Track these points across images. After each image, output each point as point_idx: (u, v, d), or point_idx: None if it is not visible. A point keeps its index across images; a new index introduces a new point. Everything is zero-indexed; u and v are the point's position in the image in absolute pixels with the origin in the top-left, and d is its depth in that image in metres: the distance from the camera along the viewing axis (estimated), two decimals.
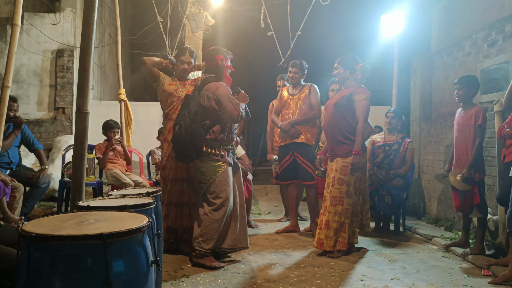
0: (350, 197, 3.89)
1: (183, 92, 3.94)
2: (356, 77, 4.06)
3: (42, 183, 4.59)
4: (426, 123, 5.96)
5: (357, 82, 4.06)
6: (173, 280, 3.16)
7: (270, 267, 3.56)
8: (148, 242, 1.60)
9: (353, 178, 3.90)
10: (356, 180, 3.92)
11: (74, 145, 2.47)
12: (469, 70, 4.96)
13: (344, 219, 3.88)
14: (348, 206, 3.88)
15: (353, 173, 3.89)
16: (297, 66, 4.82)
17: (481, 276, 3.44)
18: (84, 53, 2.47)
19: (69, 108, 6.88)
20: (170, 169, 3.91)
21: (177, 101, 3.92)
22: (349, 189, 3.89)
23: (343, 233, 3.88)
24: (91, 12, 2.49)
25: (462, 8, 5.33)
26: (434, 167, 5.61)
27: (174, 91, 3.95)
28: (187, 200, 3.89)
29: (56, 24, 6.91)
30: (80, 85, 2.47)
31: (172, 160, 3.88)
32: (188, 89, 3.95)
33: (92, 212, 1.82)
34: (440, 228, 5.14)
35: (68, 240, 1.38)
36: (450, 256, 4.05)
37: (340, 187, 3.90)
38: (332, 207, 3.89)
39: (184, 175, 3.88)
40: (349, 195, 3.89)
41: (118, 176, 4.70)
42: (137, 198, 2.28)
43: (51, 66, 6.91)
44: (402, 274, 3.45)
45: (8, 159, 4.51)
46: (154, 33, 6.51)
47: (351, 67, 4.04)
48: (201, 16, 6.00)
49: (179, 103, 3.88)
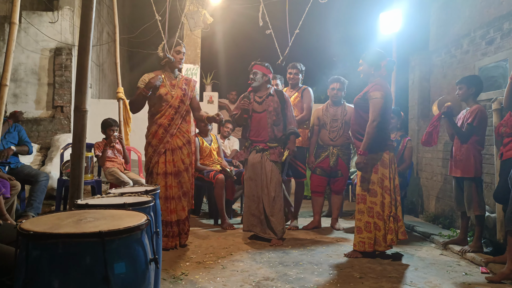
0: (375, 195, 3.74)
1: (174, 94, 3.92)
2: (382, 74, 3.88)
3: (41, 178, 4.62)
4: (425, 121, 5.97)
5: (382, 78, 3.88)
6: (171, 278, 3.16)
7: (268, 265, 3.57)
8: (146, 240, 1.60)
9: (376, 176, 3.76)
10: (382, 178, 3.76)
11: (73, 144, 2.47)
12: (467, 68, 4.97)
13: (368, 218, 3.75)
14: (372, 204, 3.74)
15: (375, 171, 3.75)
16: (297, 67, 4.93)
17: (479, 273, 3.45)
18: (82, 51, 2.46)
19: (67, 106, 6.87)
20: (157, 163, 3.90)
21: (166, 106, 3.91)
22: (372, 187, 3.76)
23: (367, 233, 3.74)
24: (89, 10, 2.49)
25: (460, 6, 5.33)
26: (432, 165, 5.62)
27: (164, 95, 3.91)
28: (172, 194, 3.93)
29: (54, 22, 6.90)
30: (78, 84, 2.47)
31: (159, 155, 3.89)
32: (177, 93, 3.93)
33: (90, 210, 1.82)
34: (438, 226, 5.15)
35: (67, 238, 1.38)
36: (448, 253, 4.06)
37: (361, 184, 3.82)
38: (356, 205, 3.86)
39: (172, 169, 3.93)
40: (372, 193, 3.76)
41: (117, 174, 4.70)
42: (135, 196, 2.28)
43: (49, 64, 6.89)
44: (401, 271, 3.46)
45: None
46: (152, 31, 6.50)
47: (376, 63, 3.87)
48: (199, 14, 6.00)
49: (167, 109, 3.89)
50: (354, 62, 7.76)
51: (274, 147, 4.28)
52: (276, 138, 4.30)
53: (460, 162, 4.00)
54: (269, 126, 4.28)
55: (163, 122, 3.90)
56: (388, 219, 3.75)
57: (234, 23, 8.63)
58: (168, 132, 3.91)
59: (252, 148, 4.34)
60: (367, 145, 3.74)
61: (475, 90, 4.03)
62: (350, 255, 3.84)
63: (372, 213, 3.75)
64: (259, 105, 4.35)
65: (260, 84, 4.36)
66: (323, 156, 4.93)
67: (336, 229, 4.94)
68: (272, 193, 4.20)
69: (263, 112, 4.31)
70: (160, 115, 3.91)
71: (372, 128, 3.72)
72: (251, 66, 4.38)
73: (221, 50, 9.89)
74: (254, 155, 4.29)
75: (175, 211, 3.92)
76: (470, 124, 3.92)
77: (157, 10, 4.20)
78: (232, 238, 4.45)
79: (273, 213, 4.20)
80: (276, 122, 4.30)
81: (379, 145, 3.79)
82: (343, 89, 4.99)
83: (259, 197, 4.24)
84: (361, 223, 3.79)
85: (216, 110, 8.48)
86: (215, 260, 3.67)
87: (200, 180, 5.10)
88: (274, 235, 4.21)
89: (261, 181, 4.23)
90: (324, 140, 4.96)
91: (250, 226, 4.29)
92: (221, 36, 9.49)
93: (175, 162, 3.94)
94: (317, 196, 5.03)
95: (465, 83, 4.05)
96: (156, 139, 3.92)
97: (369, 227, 3.75)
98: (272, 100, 4.33)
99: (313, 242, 4.36)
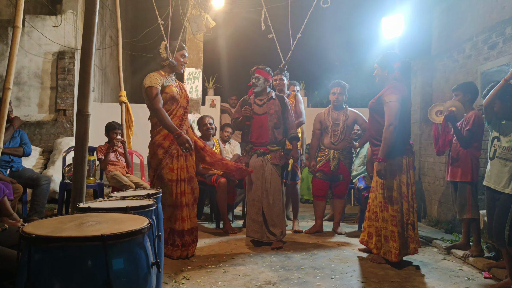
0: (396, 203, 3.64)
1: (181, 94, 3.86)
2: (395, 76, 3.79)
3: (42, 181, 4.62)
4: (427, 126, 5.96)
5: (396, 80, 3.79)
6: (173, 282, 3.15)
7: (270, 269, 3.56)
8: (148, 243, 1.60)
9: (395, 182, 3.65)
10: (398, 185, 3.67)
11: (75, 147, 2.47)
12: (470, 73, 4.97)
13: (392, 227, 3.64)
14: (395, 212, 3.63)
15: (393, 177, 3.65)
16: (281, 73, 4.98)
17: (482, 278, 3.44)
18: (85, 55, 2.47)
19: (70, 110, 6.88)
20: (171, 169, 3.74)
21: (177, 106, 3.79)
22: (391, 194, 3.67)
23: (393, 242, 3.63)
24: (92, 14, 2.50)
25: (462, 11, 5.34)
26: (434, 169, 5.61)
27: (176, 94, 3.79)
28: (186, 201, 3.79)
29: (57, 26, 6.93)
30: (81, 87, 2.47)
31: (171, 158, 3.74)
32: (184, 93, 3.90)
33: (92, 213, 1.81)
34: (441, 231, 5.13)
35: (69, 241, 1.38)
36: (451, 258, 4.04)
37: (383, 191, 3.71)
38: (380, 213, 3.73)
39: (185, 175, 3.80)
40: (393, 200, 3.65)
41: (119, 178, 4.70)
42: (137, 200, 2.28)
43: (52, 68, 6.91)
44: (403, 276, 3.45)
45: (8, 157, 4.54)
46: (155, 35, 6.53)
47: (389, 66, 3.79)
48: (201, 18, 6.01)
49: (178, 109, 3.79)
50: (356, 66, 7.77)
51: (275, 151, 4.28)
52: (276, 141, 4.30)
53: (457, 166, 4.02)
54: (270, 129, 4.28)
55: (175, 123, 3.72)
56: (407, 227, 3.68)
57: (237, 27, 8.64)
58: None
59: (253, 152, 4.34)
60: (385, 151, 3.61)
61: (470, 97, 4.07)
62: (374, 260, 3.79)
63: (395, 221, 3.64)
64: (260, 107, 4.35)
65: (262, 89, 4.37)
66: (323, 160, 4.93)
67: (338, 233, 4.93)
68: (271, 197, 4.19)
69: (264, 114, 4.32)
70: (172, 116, 3.74)
71: (389, 133, 3.58)
72: (253, 70, 4.39)
73: (223, 54, 9.91)
74: (255, 159, 4.29)
75: (189, 218, 3.77)
76: (470, 130, 3.93)
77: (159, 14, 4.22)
78: (234, 241, 4.44)
79: (272, 216, 4.19)
80: (277, 125, 4.30)
81: (398, 150, 3.67)
82: (344, 93, 4.99)
83: (260, 201, 4.23)
84: (387, 232, 3.69)
85: (219, 113, 8.51)
86: (217, 264, 3.66)
87: (202, 184, 5.10)
88: (273, 237, 4.19)
89: (261, 185, 4.22)
90: (326, 144, 4.96)
91: (251, 232, 4.27)
92: (224, 40, 9.50)
93: (188, 167, 3.82)
94: (318, 200, 5.03)
95: (461, 90, 4.10)
96: (168, 141, 3.73)
97: (394, 236, 3.65)
98: (273, 103, 4.33)
99: (315, 246, 4.35)
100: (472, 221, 3.96)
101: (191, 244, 3.81)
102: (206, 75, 8.52)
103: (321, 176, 4.96)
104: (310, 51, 9.22)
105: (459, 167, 4.00)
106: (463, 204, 3.95)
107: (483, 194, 4.41)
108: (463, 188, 3.97)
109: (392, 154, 3.65)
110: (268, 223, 4.20)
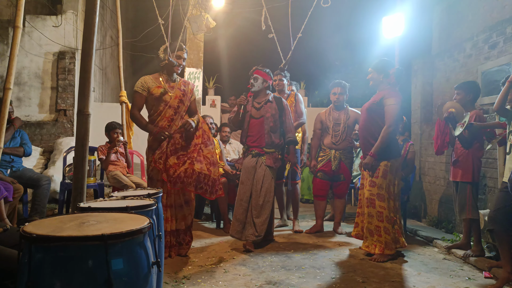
0: (383, 200, 3.84)
1: (172, 95, 3.80)
2: (390, 81, 4.04)
3: (43, 182, 4.63)
4: (427, 125, 5.96)
5: (391, 85, 4.03)
6: (174, 282, 3.16)
7: (271, 269, 3.56)
8: (149, 243, 1.60)
9: (385, 181, 3.87)
10: (389, 183, 3.88)
11: (75, 147, 2.48)
12: (470, 72, 4.96)
13: (378, 222, 3.85)
14: (381, 209, 3.83)
15: (384, 177, 3.86)
16: (281, 73, 4.96)
17: (483, 278, 3.44)
18: (86, 55, 2.47)
19: (70, 110, 6.88)
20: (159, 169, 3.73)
21: (164, 107, 3.77)
22: (380, 192, 3.86)
23: (378, 236, 3.85)
24: (93, 14, 2.50)
25: (462, 10, 5.33)
26: (435, 170, 5.61)
27: (162, 95, 3.78)
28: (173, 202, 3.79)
29: (57, 26, 6.93)
30: (82, 87, 2.47)
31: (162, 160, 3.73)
32: (176, 93, 3.81)
33: (93, 213, 1.82)
34: (441, 230, 5.13)
35: (69, 241, 1.38)
36: (451, 258, 4.04)
37: (371, 189, 3.90)
38: (366, 209, 3.93)
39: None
40: (381, 198, 3.85)
41: (119, 177, 4.71)
42: (138, 200, 2.28)
43: (52, 68, 6.91)
44: (403, 276, 3.45)
45: (9, 158, 4.55)
46: (155, 35, 6.53)
47: (385, 71, 4.03)
48: (202, 18, 6.01)
49: (166, 109, 3.77)
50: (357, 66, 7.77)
51: (270, 153, 4.26)
52: (273, 144, 4.28)
53: (459, 166, 4.02)
54: (266, 132, 4.26)
55: (163, 125, 3.75)
56: (394, 223, 3.89)
57: (237, 27, 8.65)
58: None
59: (248, 153, 4.33)
60: (379, 149, 3.87)
61: (472, 96, 4.08)
62: (376, 259, 3.83)
63: (381, 217, 3.83)
64: (257, 111, 4.33)
65: (259, 90, 4.36)
66: (325, 160, 4.93)
67: (338, 233, 4.93)
68: (261, 199, 4.15)
69: (260, 118, 4.30)
70: (160, 117, 3.77)
71: (387, 134, 3.86)
72: (252, 71, 4.38)
73: (223, 54, 9.91)
74: (249, 160, 4.27)
75: (174, 219, 3.76)
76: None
77: (160, 14, 4.22)
78: (234, 241, 4.44)
79: (258, 216, 4.13)
80: (273, 128, 4.28)
81: (397, 151, 3.96)
82: (344, 93, 4.99)
83: (247, 202, 4.19)
84: (371, 226, 3.89)
85: (219, 113, 8.51)
86: (217, 264, 3.67)
87: None
88: (252, 236, 4.10)
89: (251, 186, 4.19)
90: (327, 144, 4.96)
91: (233, 231, 4.22)
92: (224, 40, 9.50)
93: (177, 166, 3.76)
94: (319, 200, 5.02)
95: (463, 89, 4.10)
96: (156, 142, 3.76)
97: (379, 231, 3.84)
98: (270, 107, 4.31)
99: (316, 246, 4.35)
100: (472, 221, 3.96)
101: (174, 245, 3.77)
102: (207, 75, 8.52)
103: (322, 176, 4.96)
104: (310, 51, 9.21)
105: (460, 167, 4.00)
106: (463, 204, 3.96)
107: (483, 194, 4.42)
108: (463, 188, 3.97)
109: (393, 154, 3.91)
110: (254, 222, 4.13)
